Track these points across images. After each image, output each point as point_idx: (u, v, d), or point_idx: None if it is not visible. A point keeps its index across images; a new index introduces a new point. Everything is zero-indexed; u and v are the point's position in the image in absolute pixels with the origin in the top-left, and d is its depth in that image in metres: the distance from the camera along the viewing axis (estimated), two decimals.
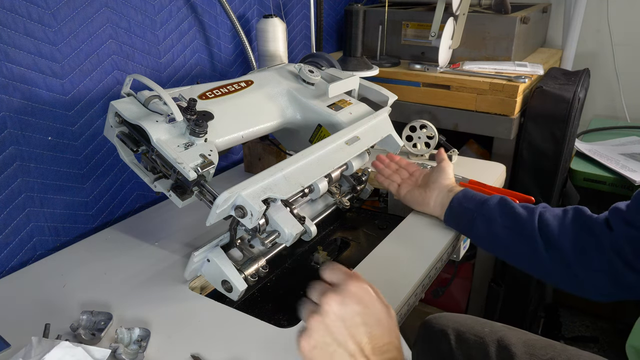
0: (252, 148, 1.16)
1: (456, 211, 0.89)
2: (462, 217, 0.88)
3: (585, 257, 0.73)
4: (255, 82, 0.92)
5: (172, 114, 0.72)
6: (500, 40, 1.43)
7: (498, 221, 0.83)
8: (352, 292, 0.51)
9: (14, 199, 0.86)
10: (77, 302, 0.75)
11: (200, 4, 1.15)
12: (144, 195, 1.11)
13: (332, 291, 0.51)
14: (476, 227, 0.85)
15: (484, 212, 0.85)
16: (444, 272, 1.35)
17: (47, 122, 0.89)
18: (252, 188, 0.71)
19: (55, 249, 0.92)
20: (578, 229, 0.75)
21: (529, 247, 0.79)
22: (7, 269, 0.87)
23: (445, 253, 0.89)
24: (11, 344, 0.67)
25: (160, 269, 0.84)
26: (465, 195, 0.90)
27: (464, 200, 0.89)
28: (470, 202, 0.88)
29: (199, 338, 0.68)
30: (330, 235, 1.04)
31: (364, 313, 0.50)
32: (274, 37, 1.21)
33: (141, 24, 1.02)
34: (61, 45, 0.88)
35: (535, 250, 0.78)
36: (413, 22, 1.52)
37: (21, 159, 0.86)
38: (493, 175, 1.12)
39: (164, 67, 1.10)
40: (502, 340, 0.87)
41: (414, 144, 1.21)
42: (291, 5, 1.45)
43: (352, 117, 0.94)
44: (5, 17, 0.79)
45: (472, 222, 0.86)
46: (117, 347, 0.64)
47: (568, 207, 0.80)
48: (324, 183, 0.88)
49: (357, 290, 0.51)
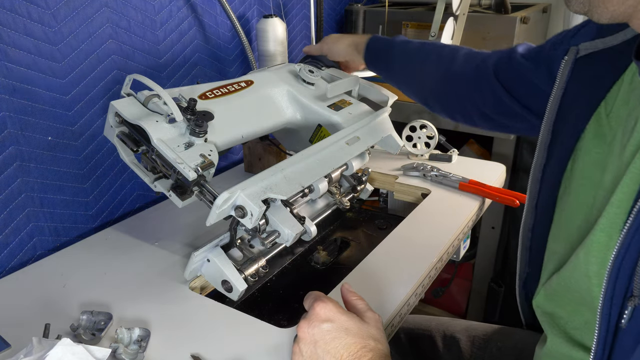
0: (252, 148, 1.16)
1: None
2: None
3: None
4: (255, 82, 0.92)
5: (172, 114, 0.72)
6: (500, 40, 1.43)
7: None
8: (316, 314, 0.57)
9: (14, 199, 0.86)
10: (77, 302, 0.75)
11: (200, 4, 1.15)
12: (144, 195, 1.11)
13: (302, 318, 0.59)
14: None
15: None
16: (444, 272, 1.35)
17: (47, 122, 0.89)
18: (252, 188, 0.71)
19: (55, 249, 0.92)
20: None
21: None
22: (7, 269, 0.87)
23: (445, 253, 0.89)
24: (11, 344, 0.67)
25: (160, 269, 0.84)
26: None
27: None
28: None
29: (199, 338, 0.68)
30: (330, 235, 1.04)
31: (332, 329, 0.56)
32: (274, 37, 1.21)
33: (141, 24, 1.02)
34: (61, 45, 0.88)
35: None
36: (413, 22, 1.52)
37: (21, 159, 0.86)
38: (493, 175, 1.12)
39: (164, 67, 1.10)
40: (447, 330, 0.93)
41: (414, 144, 1.21)
42: (291, 5, 1.45)
43: (352, 117, 0.94)
44: (5, 17, 0.79)
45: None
46: (117, 347, 0.64)
47: None
48: (324, 183, 0.88)
49: (320, 310, 0.57)
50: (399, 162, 1.18)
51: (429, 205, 1.01)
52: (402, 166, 1.16)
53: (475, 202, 1.02)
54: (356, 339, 0.56)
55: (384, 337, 0.59)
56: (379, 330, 0.59)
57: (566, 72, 0.68)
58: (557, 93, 0.69)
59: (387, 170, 1.15)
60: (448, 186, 1.07)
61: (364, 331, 0.57)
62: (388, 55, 0.98)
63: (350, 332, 0.56)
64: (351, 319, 0.58)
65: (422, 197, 1.06)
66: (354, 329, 0.57)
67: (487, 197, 1.04)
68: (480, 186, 1.04)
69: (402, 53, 0.97)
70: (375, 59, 1.01)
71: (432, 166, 1.12)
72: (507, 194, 1.01)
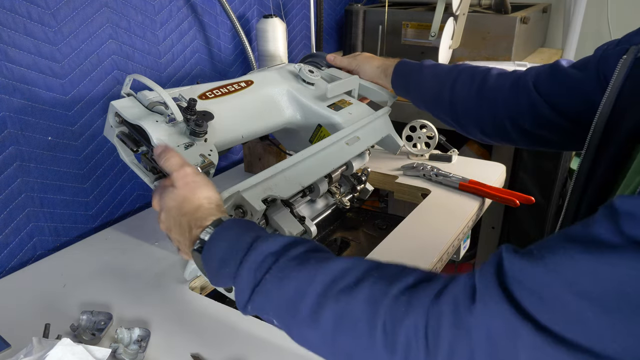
0: (252, 148, 1.16)
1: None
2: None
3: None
4: (255, 82, 0.92)
5: (172, 114, 0.72)
6: (500, 40, 1.43)
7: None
8: (159, 194, 0.65)
9: (14, 199, 0.86)
10: (77, 302, 0.75)
11: (200, 4, 1.15)
12: (144, 195, 1.11)
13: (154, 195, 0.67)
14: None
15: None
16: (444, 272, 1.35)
17: (47, 122, 0.89)
18: (252, 188, 0.71)
19: (55, 249, 0.92)
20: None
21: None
22: (7, 269, 0.87)
23: (445, 253, 0.89)
24: (11, 344, 0.67)
25: (160, 269, 0.84)
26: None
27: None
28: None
29: (199, 338, 0.68)
30: (330, 235, 1.04)
31: (171, 203, 0.63)
32: (274, 37, 1.21)
33: (141, 24, 1.02)
34: (61, 45, 0.88)
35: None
36: (413, 22, 1.52)
37: (21, 159, 0.86)
38: (493, 175, 1.12)
39: (164, 67, 1.10)
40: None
41: (414, 144, 1.21)
42: (291, 5, 1.45)
43: (352, 117, 0.94)
44: (5, 17, 0.79)
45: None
46: (117, 347, 0.64)
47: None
48: (324, 183, 0.88)
49: (162, 190, 0.65)
50: (399, 162, 1.18)
51: (429, 205, 1.01)
52: (402, 166, 1.16)
53: (475, 202, 1.02)
54: (189, 209, 0.61)
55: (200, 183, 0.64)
56: (187, 186, 0.63)
57: (624, 71, 0.63)
58: (611, 92, 0.64)
59: (387, 170, 1.15)
60: (448, 186, 1.07)
61: (193, 201, 0.62)
62: (418, 76, 0.96)
63: (180, 204, 0.62)
64: (175, 193, 0.63)
65: (422, 197, 1.06)
66: (179, 200, 0.62)
67: (487, 197, 1.04)
68: (480, 186, 1.04)
69: (432, 73, 0.95)
70: (404, 82, 0.99)
71: (432, 166, 1.12)
72: (507, 194, 1.01)
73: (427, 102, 0.97)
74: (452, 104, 0.92)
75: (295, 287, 0.51)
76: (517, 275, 0.39)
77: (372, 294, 0.47)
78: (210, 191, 0.63)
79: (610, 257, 0.35)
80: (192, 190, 0.62)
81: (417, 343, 0.43)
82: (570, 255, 0.37)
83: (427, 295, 0.44)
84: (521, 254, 0.41)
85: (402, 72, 0.98)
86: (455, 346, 0.41)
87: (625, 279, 0.34)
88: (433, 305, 0.43)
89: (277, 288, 0.52)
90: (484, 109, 0.88)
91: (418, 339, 0.43)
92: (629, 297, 0.34)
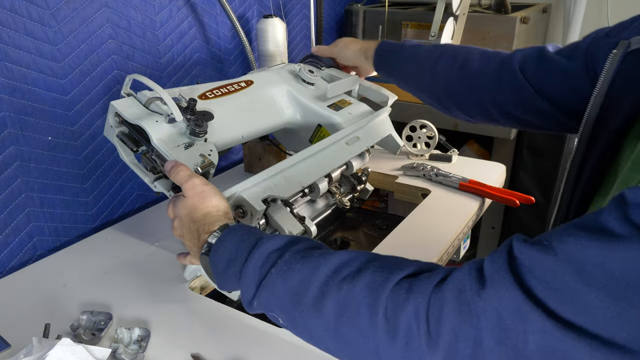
0: (252, 148, 1.16)
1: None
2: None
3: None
4: (255, 82, 0.92)
5: (172, 114, 0.72)
6: (500, 40, 1.43)
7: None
8: (173, 204, 0.69)
9: (14, 199, 0.86)
10: (77, 302, 0.75)
11: (200, 4, 1.15)
12: (144, 195, 1.11)
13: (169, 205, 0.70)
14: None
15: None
16: None
17: (47, 122, 0.89)
18: (252, 188, 0.71)
19: (55, 249, 0.92)
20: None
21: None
22: (7, 269, 0.87)
23: (445, 253, 0.89)
24: (11, 344, 0.67)
25: (160, 269, 0.84)
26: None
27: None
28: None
29: (199, 338, 0.68)
30: (330, 235, 1.04)
31: (183, 211, 0.66)
32: (274, 37, 1.21)
33: (141, 24, 1.02)
34: (61, 45, 0.88)
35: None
36: (413, 22, 1.52)
37: (21, 159, 0.86)
38: (493, 175, 1.12)
39: (164, 67, 1.10)
40: None
41: (414, 144, 1.21)
42: (291, 5, 1.45)
43: (352, 117, 0.94)
44: (5, 17, 0.79)
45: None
46: (117, 347, 0.64)
47: None
48: (324, 183, 0.88)
49: (175, 200, 0.68)
50: (399, 162, 1.18)
51: (429, 205, 1.01)
52: (402, 166, 1.16)
53: (475, 202, 1.02)
54: (199, 215, 0.64)
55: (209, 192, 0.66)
56: (197, 195, 0.65)
57: (614, 65, 0.63)
58: (601, 88, 0.64)
59: (387, 170, 1.15)
60: (448, 186, 1.07)
61: (202, 208, 0.64)
62: (399, 56, 0.96)
63: (191, 212, 0.65)
64: (185, 202, 0.66)
65: (422, 197, 1.06)
66: (190, 207, 0.65)
67: (487, 197, 1.04)
68: (480, 186, 1.04)
69: (413, 54, 0.95)
70: (385, 63, 0.99)
71: (432, 166, 1.12)
72: (507, 194, 1.01)
73: (409, 82, 0.97)
74: (433, 85, 0.92)
75: (300, 279, 0.51)
76: (528, 264, 0.40)
77: (374, 281, 0.48)
78: (219, 200, 0.66)
79: (619, 246, 0.36)
80: (201, 200, 0.65)
81: (418, 328, 0.43)
82: (580, 244, 0.38)
83: (429, 282, 0.45)
84: (531, 242, 0.42)
85: (382, 53, 0.98)
86: (459, 330, 0.42)
87: (632, 267, 0.35)
88: (435, 292, 0.44)
89: (282, 281, 0.52)
90: (465, 90, 0.88)
91: (419, 323, 0.43)
92: (636, 285, 0.35)
